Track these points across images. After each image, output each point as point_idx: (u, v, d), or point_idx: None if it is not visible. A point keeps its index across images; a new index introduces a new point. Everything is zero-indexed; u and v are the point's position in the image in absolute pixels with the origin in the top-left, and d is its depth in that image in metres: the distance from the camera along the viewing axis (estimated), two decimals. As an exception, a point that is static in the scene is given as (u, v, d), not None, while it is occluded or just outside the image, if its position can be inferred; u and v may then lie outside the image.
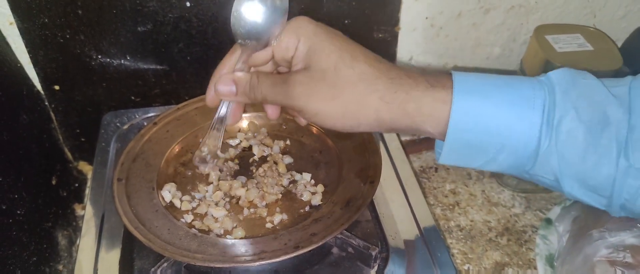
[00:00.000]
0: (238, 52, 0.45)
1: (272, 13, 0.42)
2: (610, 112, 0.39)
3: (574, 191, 0.41)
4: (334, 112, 0.41)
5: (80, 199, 0.71)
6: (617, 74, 0.64)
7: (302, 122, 0.47)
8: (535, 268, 0.63)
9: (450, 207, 0.72)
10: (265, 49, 0.44)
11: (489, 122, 0.39)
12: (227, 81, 0.45)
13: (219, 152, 0.55)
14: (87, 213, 0.58)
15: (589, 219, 0.59)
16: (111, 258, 0.53)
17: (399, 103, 0.40)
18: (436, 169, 0.78)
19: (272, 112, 0.48)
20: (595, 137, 0.38)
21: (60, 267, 0.60)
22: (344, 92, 0.40)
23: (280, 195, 0.56)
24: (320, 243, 0.47)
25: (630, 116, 0.38)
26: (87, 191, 0.72)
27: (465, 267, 0.63)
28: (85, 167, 0.75)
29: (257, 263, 0.46)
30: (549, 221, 0.67)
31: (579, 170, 0.39)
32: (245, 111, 0.51)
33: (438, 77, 0.41)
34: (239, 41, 0.43)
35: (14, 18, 0.61)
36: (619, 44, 0.69)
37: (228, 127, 0.49)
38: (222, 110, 0.48)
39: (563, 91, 0.39)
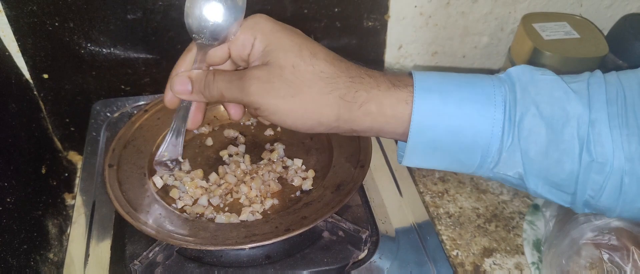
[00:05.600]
0: (194, 51, 0.44)
1: (227, 9, 0.41)
2: (570, 108, 0.38)
3: (539, 188, 0.40)
4: (293, 110, 0.39)
5: (70, 189, 0.71)
6: (604, 61, 0.65)
7: (265, 121, 0.44)
8: (522, 253, 0.63)
9: (439, 194, 0.72)
10: (221, 47, 0.43)
11: (450, 121, 0.39)
12: (182, 79, 0.43)
13: (180, 158, 0.53)
14: (78, 202, 0.58)
15: (575, 203, 0.60)
16: (102, 245, 0.53)
17: (361, 103, 0.39)
18: (426, 158, 0.78)
19: (235, 112, 0.47)
20: (556, 134, 0.38)
21: (51, 255, 0.60)
22: (303, 89, 0.39)
23: (276, 181, 0.57)
24: (310, 226, 0.47)
25: (590, 111, 0.38)
26: (77, 180, 0.71)
27: (454, 253, 0.64)
28: (75, 157, 0.75)
29: (248, 246, 0.46)
30: (536, 207, 0.68)
31: (542, 167, 0.39)
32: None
33: (400, 76, 0.40)
34: (194, 36, 0.42)
35: (2, 6, 0.60)
36: (605, 33, 0.70)
37: (188, 130, 0.47)
38: (181, 112, 0.47)
39: (523, 88, 0.39)
